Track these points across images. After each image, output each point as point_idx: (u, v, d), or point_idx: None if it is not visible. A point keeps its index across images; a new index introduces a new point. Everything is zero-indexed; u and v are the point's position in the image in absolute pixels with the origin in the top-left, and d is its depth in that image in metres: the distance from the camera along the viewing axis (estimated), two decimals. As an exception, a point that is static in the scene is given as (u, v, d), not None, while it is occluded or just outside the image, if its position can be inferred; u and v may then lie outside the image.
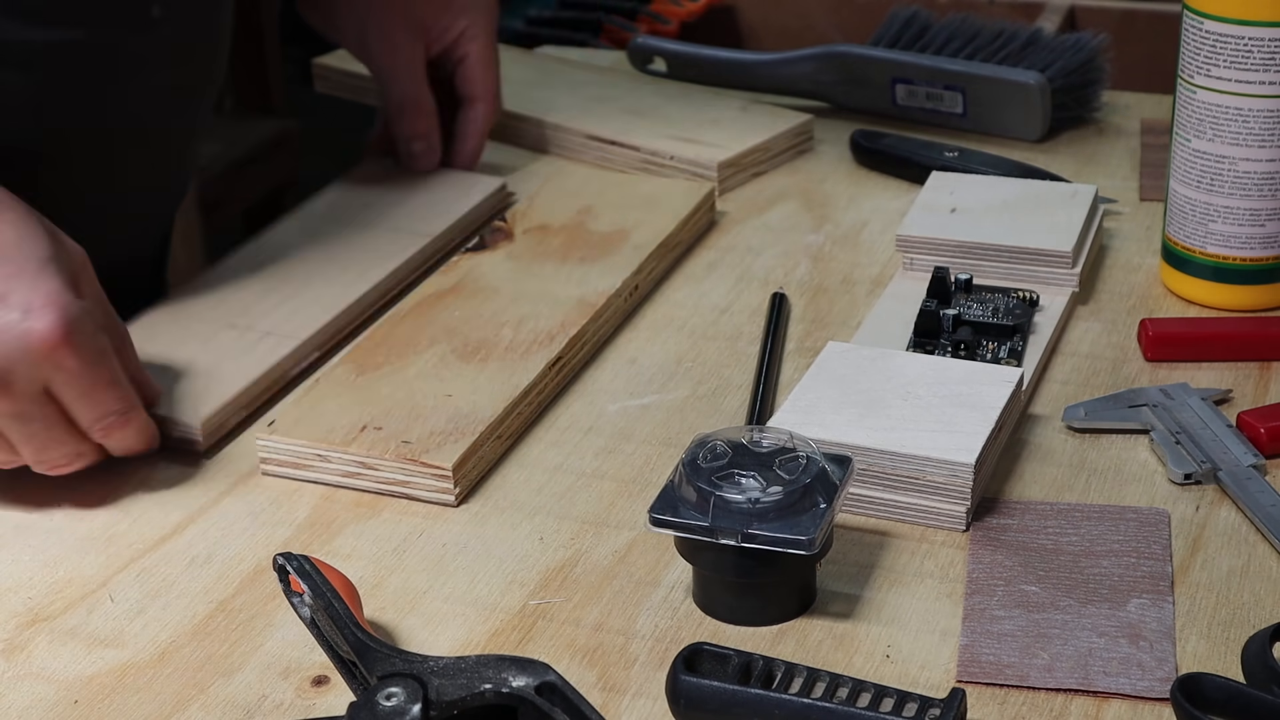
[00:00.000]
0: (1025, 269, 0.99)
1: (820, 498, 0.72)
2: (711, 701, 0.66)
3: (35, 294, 0.78)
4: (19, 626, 0.75)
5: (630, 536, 0.80)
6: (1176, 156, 0.99)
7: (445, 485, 0.82)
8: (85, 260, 0.83)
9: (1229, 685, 0.67)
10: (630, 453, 0.87)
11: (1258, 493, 0.80)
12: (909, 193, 1.11)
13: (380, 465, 0.83)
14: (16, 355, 0.78)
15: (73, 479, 0.84)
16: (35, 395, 0.79)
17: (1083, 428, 0.87)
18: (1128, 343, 0.96)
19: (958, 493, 0.79)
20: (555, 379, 0.92)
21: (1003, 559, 0.77)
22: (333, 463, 0.83)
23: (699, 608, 0.75)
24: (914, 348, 0.93)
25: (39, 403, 0.79)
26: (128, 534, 0.81)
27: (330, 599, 0.69)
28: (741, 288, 1.04)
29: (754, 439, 0.75)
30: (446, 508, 0.82)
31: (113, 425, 0.82)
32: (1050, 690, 0.69)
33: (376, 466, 0.83)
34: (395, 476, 0.83)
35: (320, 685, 0.71)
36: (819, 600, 0.75)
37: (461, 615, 0.75)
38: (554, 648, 0.73)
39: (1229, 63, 0.94)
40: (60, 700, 0.70)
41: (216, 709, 0.70)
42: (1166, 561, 0.77)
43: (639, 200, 1.08)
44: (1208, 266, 0.99)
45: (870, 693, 0.66)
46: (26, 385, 0.78)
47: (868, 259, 1.07)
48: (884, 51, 1.27)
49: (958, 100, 1.24)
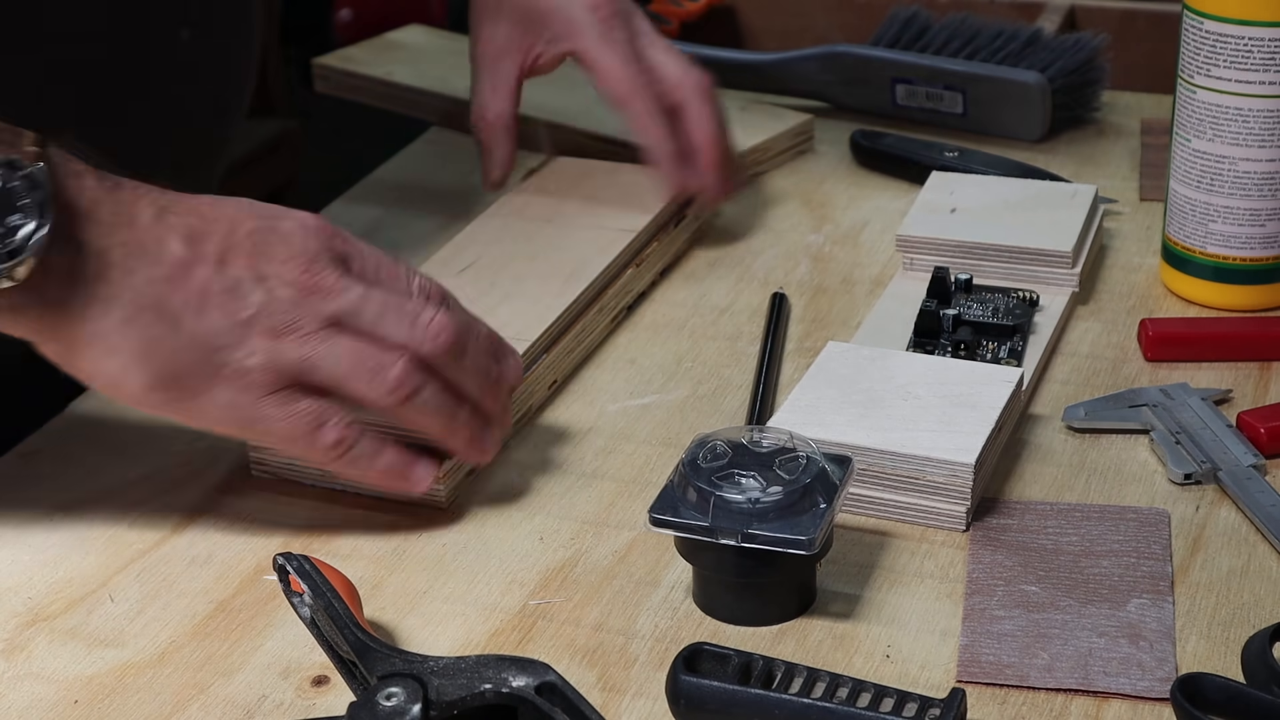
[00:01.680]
0: (1025, 269, 0.99)
1: (820, 498, 0.72)
2: (711, 701, 0.66)
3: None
4: (19, 626, 0.75)
5: (630, 536, 0.80)
6: (1176, 156, 0.99)
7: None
8: None
9: (1229, 685, 0.67)
10: (630, 453, 0.87)
11: (1258, 493, 0.80)
12: (909, 193, 1.11)
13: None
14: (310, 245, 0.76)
15: (73, 478, 0.84)
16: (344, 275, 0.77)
17: (1083, 428, 0.87)
18: (1128, 343, 0.96)
19: (958, 493, 0.79)
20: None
21: (1003, 559, 0.77)
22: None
23: (699, 608, 0.75)
24: (914, 348, 0.93)
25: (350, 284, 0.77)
26: (128, 534, 0.81)
27: (330, 599, 0.69)
28: (741, 288, 1.03)
29: (754, 439, 0.75)
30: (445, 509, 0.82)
31: (503, 371, 0.81)
32: (1050, 690, 0.69)
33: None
34: None
35: (320, 685, 0.71)
36: (819, 600, 0.75)
37: (461, 615, 0.75)
38: (554, 648, 0.73)
39: (1229, 63, 0.94)
40: (60, 700, 0.70)
41: (216, 709, 0.70)
42: (1166, 561, 0.77)
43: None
44: (1208, 266, 0.99)
45: (870, 693, 0.66)
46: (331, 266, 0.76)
47: (868, 259, 1.07)
48: (884, 51, 1.27)
49: (958, 100, 1.24)
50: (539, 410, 0.91)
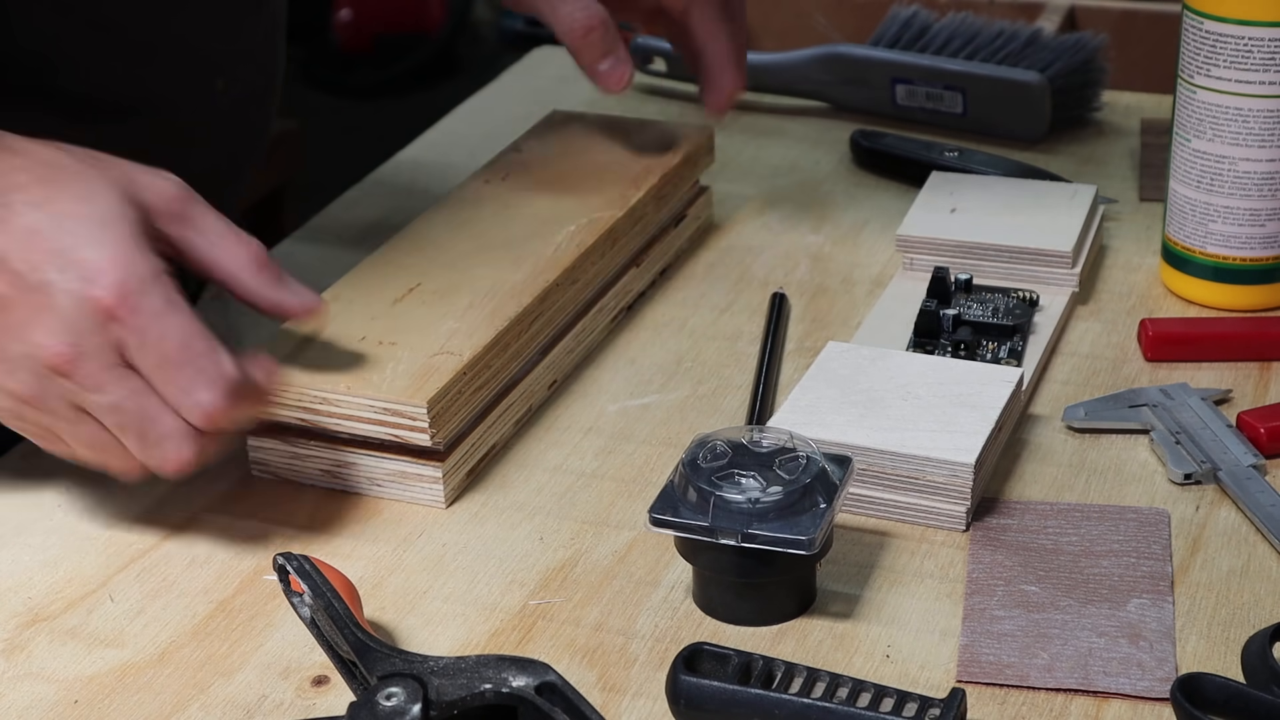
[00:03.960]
0: (1025, 269, 0.99)
1: (820, 498, 0.72)
2: (711, 701, 0.66)
3: (93, 255, 0.72)
4: (19, 626, 0.75)
5: (630, 536, 0.80)
6: (1176, 156, 0.99)
7: (422, 428, 0.80)
8: (177, 198, 0.77)
9: (1229, 685, 0.67)
10: (630, 453, 0.87)
11: (1258, 493, 0.80)
12: (909, 193, 1.11)
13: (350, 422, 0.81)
14: (80, 327, 0.71)
15: (73, 478, 0.85)
16: (115, 371, 0.72)
17: (1083, 428, 0.87)
18: (1128, 343, 0.96)
19: (958, 493, 0.79)
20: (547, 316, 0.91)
21: (1003, 559, 0.77)
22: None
23: (699, 608, 0.75)
24: (914, 348, 0.93)
25: (123, 382, 0.72)
26: (128, 534, 0.81)
27: (330, 599, 0.69)
28: (741, 288, 1.03)
29: (754, 439, 0.76)
30: (446, 508, 0.82)
31: (210, 411, 0.73)
32: (1050, 690, 0.69)
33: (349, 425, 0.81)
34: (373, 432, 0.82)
35: (320, 685, 0.71)
36: (819, 600, 0.75)
37: (461, 615, 0.75)
38: (554, 648, 0.73)
39: (1229, 63, 0.94)
40: (60, 700, 0.70)
41: (216, 709, 0.70)
42: (1166, 561, 0.77)
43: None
44: (1208, 266, 0.99)
45: (870, 693, 0.66)
46: (100, 361, 0.72)
47: (868, 259, 1.07)
48: (884, 51, 1.27)
49: (958, 100, 1.24)
50: (539, 410, 0.91)
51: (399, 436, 0.81)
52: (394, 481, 0.83)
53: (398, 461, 0.83)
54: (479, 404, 0.85)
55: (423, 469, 0.82)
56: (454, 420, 0.83)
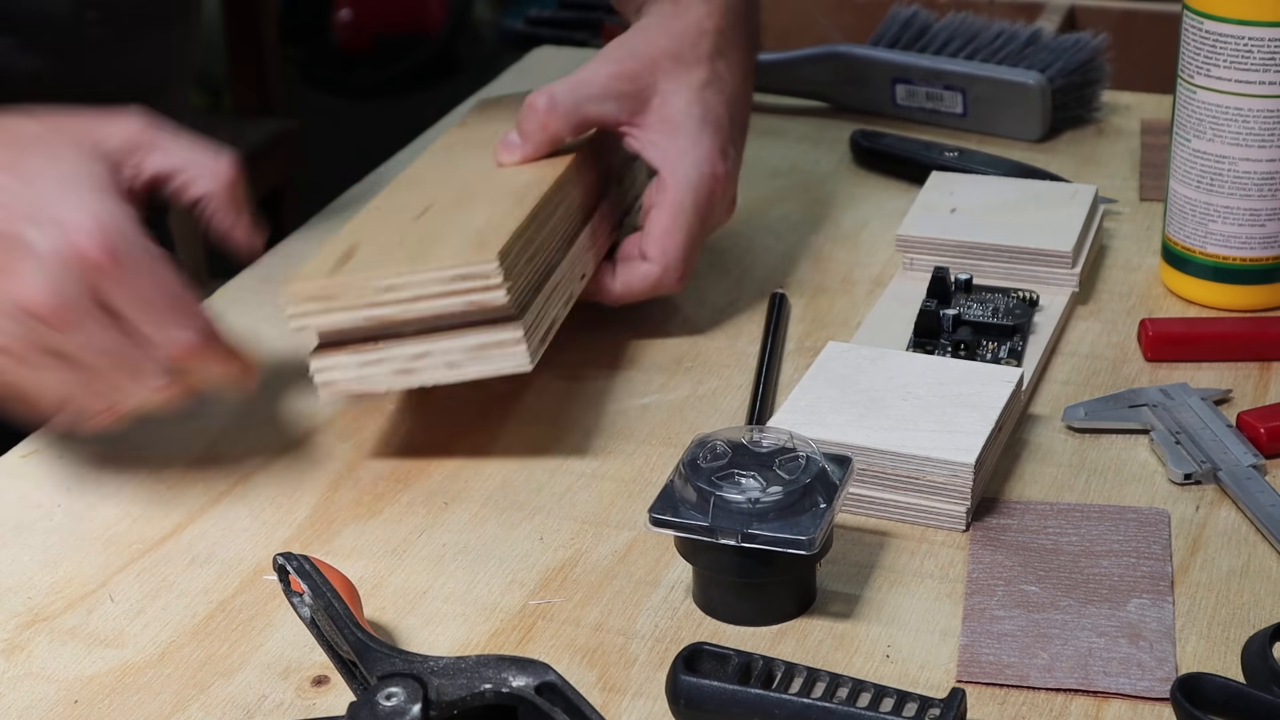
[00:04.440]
0: (1025, 269, 0.99)
1: (820, 498, 0.72)
2: (711, 701, 0.66)
3: (67, 209, 0.75)
4: (19, 626, 0.75)
5: (630, 536, 0.80)
6: (1176, 156, 0.99)
7: (496, 285, 0.80)
8: (138, 129, 0.81)
9: (1229, 685, 0.67)
10: (630, 453, 0.87)
11: (1258, 493, 0.80)
12: (909, 193, 1.11)
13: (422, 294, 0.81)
14: (61, 276, 0.74)
15: (73, 478, 0.85)
16: (94, 314, 0.75)
17: (1083, 428, 0.87)
18: (1128, 343, 0.96)
19: (958, 493, 0.79)
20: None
21: (1003, 559, 0.77)
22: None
23: (699, 608, 0.75)
24: (914, 348, 0.93)
25: (102, 324, 0.75)
26: (128, 534, 0.81)
27: (330, 599, 0.69)
28: (741, 288, 1.04)
29: (754, 439, 0.75)
30: (445, 508, 0.82)
31: (188, 346, 0.77)
32: (1050, 690, 0.69)
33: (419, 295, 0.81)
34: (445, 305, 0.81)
35: (320, 685, 0.71)
36: (819, 600, 0.75)
37: (461, 615, 0.75)
38: (554, 648, 0.73)
39: (1229, 63, 0.94)
40: (60, 700, 0.70)
41: (216, 709, 0.70)
42: (1166, 561, 0.77)
43: None
44: (1208, 266, 0.99)
45: (870, 693, 0.66)
46: (80, 306, 0.75)
47: (868, 259, 1.07)
48: (884, 51, 1.27)
49: (958, 100, 1.24)
50: (539, 410, 0.91)
51: (474, 302, 0.81)
52: (473, 358, 0.82)
53: (475, 335, 0.82)
54: (533, 276, 0.86)
55: (502, 333, 0.82)
56: (521, 279, 0.83)
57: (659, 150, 0.96)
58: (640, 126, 0.96)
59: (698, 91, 0.96)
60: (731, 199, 0.99)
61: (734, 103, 0.99)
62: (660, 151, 0.96)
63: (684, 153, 0.96)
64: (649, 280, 0.96)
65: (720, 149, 0.96)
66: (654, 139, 0.96)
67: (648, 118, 0.96)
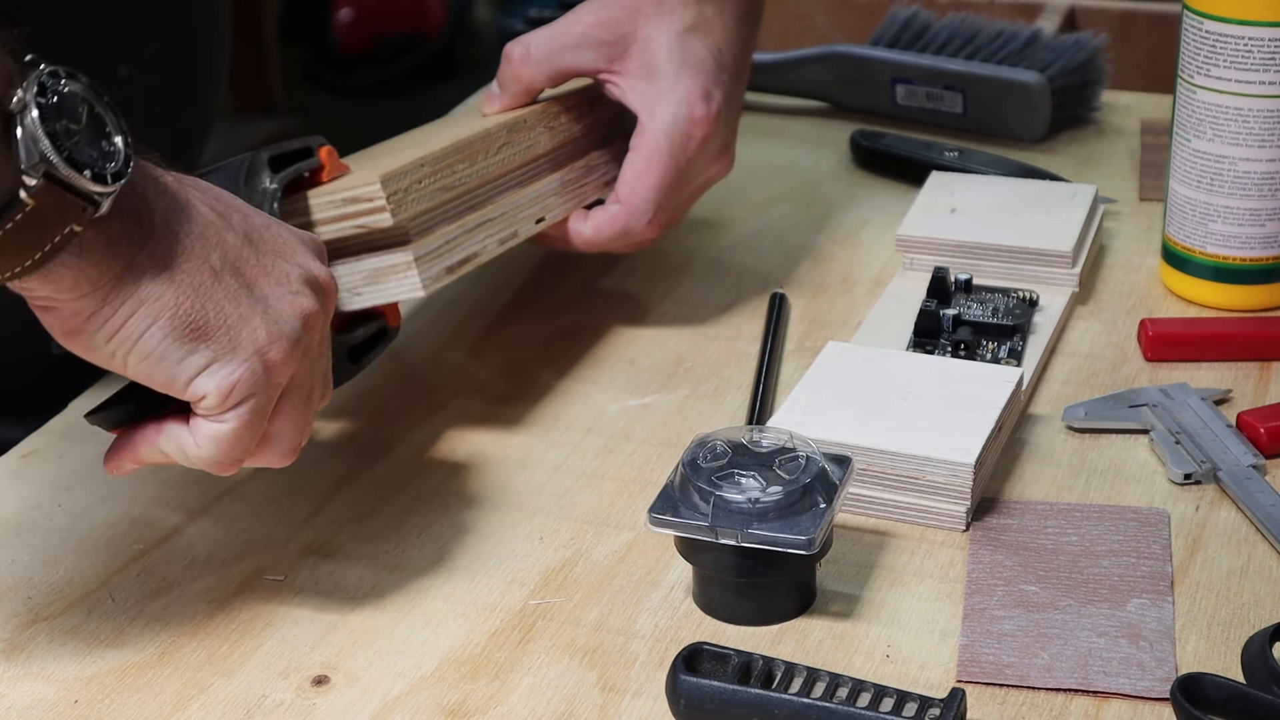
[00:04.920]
0: (1025, 269, 0.99)
1: (820, 498, 0.72)
2: (711, 701, 0.66)
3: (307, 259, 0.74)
4: (19, 626, 0.75)
5: (630, 536, 0.80)
6: (1176, 156, 0.99)
7: (380, 208, 0.80)
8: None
9: (1229, 685, 0.67)
10: (630, 453, 0.87)
11: (1258, 493, 0.80)
12: (909, 193, 1.11)
13: None
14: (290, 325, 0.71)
15: (73, 478, 0.85)
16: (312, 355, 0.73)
17: (1083, 428, 0.87)
18: (1128, 343, 0.96)
19: (958, 493, 0.79)
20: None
21: (1003, 559, 0.77)
22: None
23: (699, 608, 0.75)
24: (914, 348, 0.93)
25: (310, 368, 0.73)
26: (128, 534, 0.81)
27: None
28: (741, 288, 1.04)
29: (754, 439, 0.75)
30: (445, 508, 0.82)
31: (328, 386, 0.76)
32: (1050, 690, 0.69)
33: None
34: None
35: (320, 685, 0.71)
36: (819, 600, 0.75)
37: (461, 615, 0.75)
38: (554, 648, 0.73)
39: (1229, 63, 0.94)
40: (60, 700, 0.70)
41: (216, 709, 0.70)
42: (1166, 561, 0.77)
43: None
44: (1208, 266, 0.99)
45: (870, 692, 0.66)
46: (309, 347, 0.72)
47: (868, 259, 1.07)
48: (884, 51, 1.27)
49: (958, 100, 1.24)
50: (538, 409, 0.91)
51: (363, 225, 0.81)
52: (370, 284, 0.82)
53: (371, 259, 0.82)
54: (451, 208, 0.86)
55: (394, 257, 0.82)
56: (416, 207, 0.83)
57: (638, 95, 0.95)
58: (620, 73, 0.96)
59: (679, 35, 0.95)
60: (721, 146, 0.97)
61: (724, 47, 0.97)
62: (639, 96, 0.95)
63: (661, 94, 0.95)
64: (617, 223, 0.95)
65: (702, 91, 0.95)
66: (633, 84, 0.96)
67: (628, 64, 0.96)
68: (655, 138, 0.94)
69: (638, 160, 0.95)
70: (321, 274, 0.73)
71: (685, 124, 0.94)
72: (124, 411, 0.71)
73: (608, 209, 0.96)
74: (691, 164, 0.96)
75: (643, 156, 0.94)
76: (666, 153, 0.94)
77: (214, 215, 0.69)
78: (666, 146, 0.94)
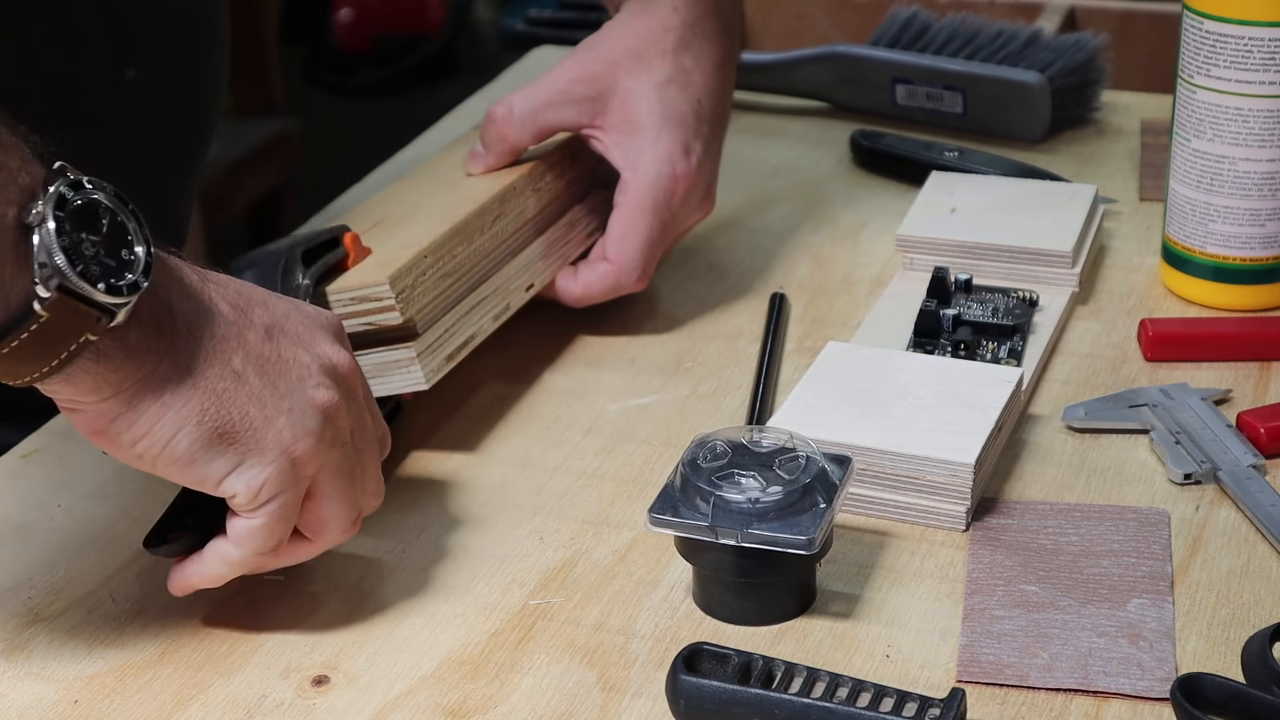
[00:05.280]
0: (1025, 269, 0.99)
1: (820, 498, 0.72)
2: (711, 701, 0.66)
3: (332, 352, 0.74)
4: (19, 626, 0.75)
5: (630, 536, 0.80)
6: (1176, 156, 0.99)
7: (389, 307, 0.83)
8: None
9: (1229, 685, 0.67)
10: (630, 453, 0.87)
11: (1258, 493, 0.80)
12: (909, 193, 1.11)
13: None
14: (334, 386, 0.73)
15: (73, 479, 0.84)
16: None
17: (1083, 428, 0.87)
18: (1128, 343, 0.96)
19: (958, 493, 0.79)
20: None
21: (1003, 559, 0.77)
22: None
23: (699, 608, 0.75)
24: (914, 348, 0.93)
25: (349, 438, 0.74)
26: (128, 534, 0.81)
27: None
28: (741, 288, 1.04)
29: (754, 439, 0.76)
30: (445, 507, 0.82)
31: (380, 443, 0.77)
32: (1050, 690, 0.69)
33: None
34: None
35: (320, 685, 0.71)
36: (819, 600, 0.75)
37: (461, 615, 0.75)
38: (554, 648, 0.73)
39: (1229, 63, 0.94)
40: (60, 700, 0.70)
41: (216, 709, 0.70)
42: (1166, 561, 0.77)
43: None
44: (1208, 266, 0.99)
45: (870, 692, 0.66)
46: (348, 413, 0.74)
47: (868, 259, 1.07)
48: (884, 51, 1.27)
49: (958, 100, 1.24)
50: (538, 408, 0.91)
51: (372, 323, 0.83)
52: (375, 377, 0.84)
53: (375, 354, 0.84)
54: (451, 293, 0.88)
55: (397, 353, 0.84)
56: (422, 300, 0.85)
57: (620, 151, 0.96)
58: (602, 128, 0.97)
59: (659, 89, 0.96)
60: (702, 195, 0.99)
61: (703, 97, 0.98)
62: (621, 152, 0.96)
63: (643, 152, 0.96)
64: (607, 281, 0.97)
65: (682, 146, 0.96)
66: (615, 140, 0.96)
67: (609, 118, 0.96)
68: (639, 196, 0.96)
69: (624, 218, 0.96)
70: (341, 361, 0.74)
71: (668, 181, 0.96)
72: (186, 544, 0.74)
73: (596, 268, 0.97)
74: (675, 217, 0.98)
75: (628, 214, 0.96)
76: (650, 210, 0.96)
77: (235, 314, 0.71)
78: (650, 204, 0.96)
